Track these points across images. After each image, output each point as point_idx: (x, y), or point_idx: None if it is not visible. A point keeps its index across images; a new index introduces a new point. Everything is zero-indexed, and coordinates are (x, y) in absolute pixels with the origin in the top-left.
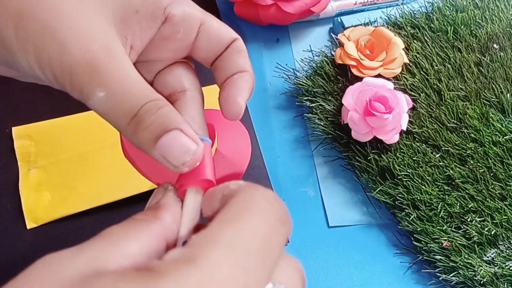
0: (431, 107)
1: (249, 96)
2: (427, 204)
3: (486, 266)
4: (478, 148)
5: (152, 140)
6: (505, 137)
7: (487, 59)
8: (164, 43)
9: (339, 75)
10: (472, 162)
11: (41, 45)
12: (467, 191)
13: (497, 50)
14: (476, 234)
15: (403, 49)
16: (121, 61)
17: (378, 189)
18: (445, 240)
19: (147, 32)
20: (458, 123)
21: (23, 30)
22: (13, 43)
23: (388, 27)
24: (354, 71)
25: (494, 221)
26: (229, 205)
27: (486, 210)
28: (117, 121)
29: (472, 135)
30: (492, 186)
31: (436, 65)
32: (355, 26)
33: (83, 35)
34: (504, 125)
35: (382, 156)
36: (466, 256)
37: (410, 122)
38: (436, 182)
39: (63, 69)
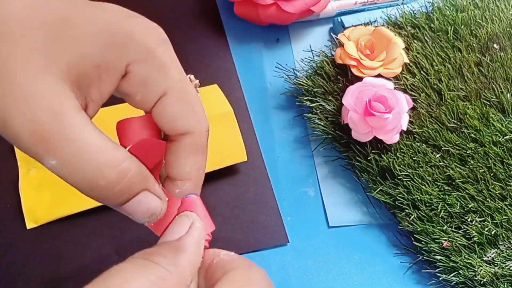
0: (431, 107)
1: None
2: (427, 204)
3: (486, 266)
4: (478, 148)
5: (119, 204)
6: (505, 137)
7: (487, 59)
8: (126, 97)
9: (339, 75)
10: (472, 162)
11: None
12: (467, 191)
13: (497, 50)
14: (476, 234)
15: (403, 49)
16: (73, 126)
17: (378, 189)
18: (445, 240)
19: (107, 86)
20: (458, 123)
21: None
22: None
23: (388, 27)
24: (354, 71)
25: (494, 221)
26: (230, 275)
27: (486, 210)
28: (79, 187)
29: (472, 135)
30: (492, 186)
31: (436, 65)
32: (355, 26)
33: (27, 103)
34: (504, 125)
35: (382, 156)
36: (466, 256)
37: (410, 122)
38: (436, 182)
39: (9, 138)
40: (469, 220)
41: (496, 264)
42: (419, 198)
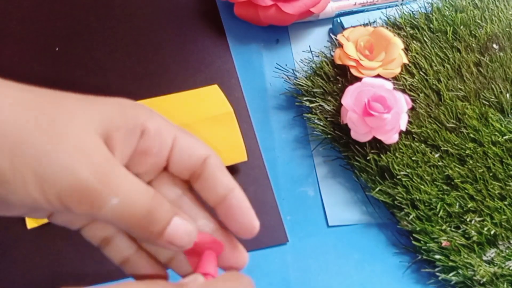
0: (430, 107)
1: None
2: (426, 204)
3: (486, 266)
4: (477, 148)
5: (161, 230)
6: (504, 137)
7: (486, 59)
8: (142, 158)
9: (339, 76)
10: (471, 162)
11: (43, 170)
12: (466, 191)
13: (496, 50)
14: (475, 234)
15: (402, 49)
16: (123, 170)
17: (377, 189)
18: (444, 239)
19: (127, 147)
20: (457, 123)
21: (20, 158)
22: (7, 173)
23: (387, 28)
24: (353, 71)
25: (494, 221)
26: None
27: (485, 210)
28: (129, 222)
29: (471, 135)
30: (492, 186)
31: (435, 65)
32: (354, 26)
33: (86, 152)
34: (503, 125)
35: (381, 156)
36: (466, 256)
37: (409, 122)
38: (435, 182)
39: (73, 187)
40: (468, 219)
41: (495, 264)
42: (418, 197)
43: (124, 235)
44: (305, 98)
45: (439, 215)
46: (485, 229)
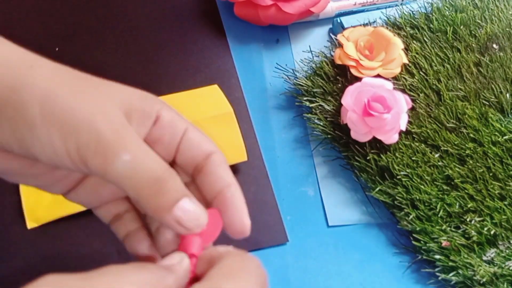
0: (430, 107)
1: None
2: (426, 204)
3: (486, 266)
4: (477, 148)
5: (171, 204)
6: (504, 137)
7: (486, 59)
8: (154, 146)
9: (339, 76)
10: (471, 162)
11: (67, 122)
12: (466, 191)
13: (496, 50)
14: (475, 234)
15: (402, 49)
16: (138, 137)
17: (377, 189)
18: (444, 239)
19: (142, 129)
20: (457, 123)
21: (49, 109)
22: (36, 120)
23: (387, 28)
24: (353, 71)
25: (494, 221)
26: (224, 262)
27: (485, 210)
28: (139, 184)
29: (471, 135)
30: (492, 186)
31: (435, 65)
32: (354, 26)
33: (107, 114)
34: (503, 125)
35: (381, 156)
36: (466, 256)
37: (409, 122)
38: (435, 182)
39: (90, 138)
40: (468, 219)
41: (495, 264)
42: (418, 197)
43: (133, 213)
44: (305, 98)
45: (439, 215)
46: (485, 229)
